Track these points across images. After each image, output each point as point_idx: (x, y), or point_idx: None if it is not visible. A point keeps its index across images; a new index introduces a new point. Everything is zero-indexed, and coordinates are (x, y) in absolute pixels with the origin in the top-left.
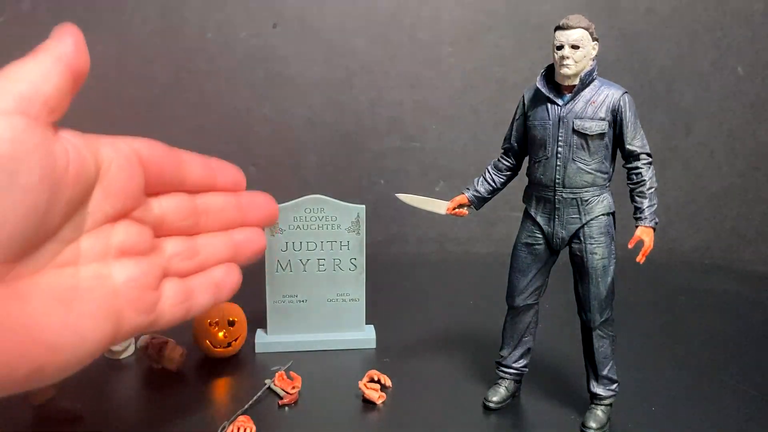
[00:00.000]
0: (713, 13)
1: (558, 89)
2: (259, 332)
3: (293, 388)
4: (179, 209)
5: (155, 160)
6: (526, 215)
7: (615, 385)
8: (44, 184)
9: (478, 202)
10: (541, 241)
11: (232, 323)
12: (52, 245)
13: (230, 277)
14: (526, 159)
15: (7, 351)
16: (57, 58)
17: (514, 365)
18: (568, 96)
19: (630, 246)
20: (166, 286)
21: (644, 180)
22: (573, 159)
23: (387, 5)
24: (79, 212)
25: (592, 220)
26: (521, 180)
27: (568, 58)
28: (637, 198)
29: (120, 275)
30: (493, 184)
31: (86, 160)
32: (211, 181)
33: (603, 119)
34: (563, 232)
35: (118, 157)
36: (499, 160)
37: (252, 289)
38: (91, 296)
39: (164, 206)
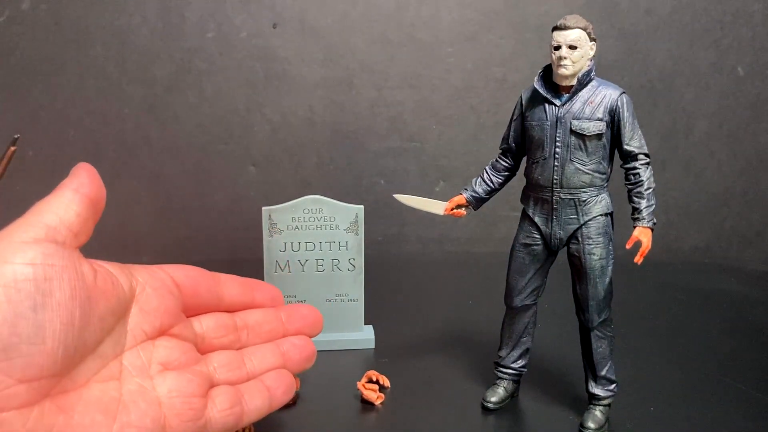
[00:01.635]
0: (713, 13)
1: (556, 90)
2: None
3: None
4: (219, 326)
5: (191, 283)
6: (524, 216)
7: (613, 386)
8: (76, 300)
9: (476, 202)
10: (539, 242)
11: None
12: (94, 361)
13: (281, 382)
14: (524, 159)
15: None
16: (75, 190)
17: (512, 365)
18: (566, 96)
19: (628, 247)
20: (215, 393)
21: (642, 180)
22: (571, 159)
23: (387, 5)
24: (118, 329)
25: (590, 220)
26: (522, 180)
27: (565, 58)
28: (635, 198)
29: (163, 387)
30: (491, 185)
31: (117, 281)
32: (249, 299)
33: (601, 120)
34: (561, 232)
35: (152, 280)
36: (497, 160)
37: None
38: (136, 407)
39: (205, 325)
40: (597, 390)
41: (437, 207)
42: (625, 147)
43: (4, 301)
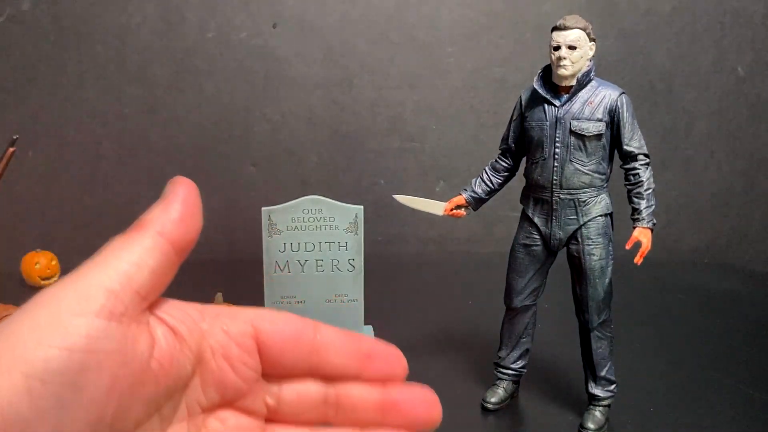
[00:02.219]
0: (713, 13)
1: (555, 90)
2: None
3: None
4: (303, 399)
5: (279, 342)
6: (524, 216)
7: (613, 386)
8: (114, 393)
9: (476, 203)
10: (539, 243)
11: None
12: None
13: None
14: (524, 160)
15: None
16: (158, 233)
17: (512, 366)
18: (566, 97)
19: (627, 247)
20: None
21: (642, 181)
22: (570, 160)
23: (387, 5)
24: (168, 406)
25: (589, 221)
26: (522, 180)
27: (565, 58)
28: (634, 199)
29: None
30: (491, 185)
31: (181, 352)
32: (355, 371)
33: (600, 120)
34: (561, 233)
35: (227, 344)
36: (496, 161)
37: (250, 291)
38: None
39: (284, 395)
40: (597, 390)
41: (437, 207)
42: (625, 147)
43: (24, 395)
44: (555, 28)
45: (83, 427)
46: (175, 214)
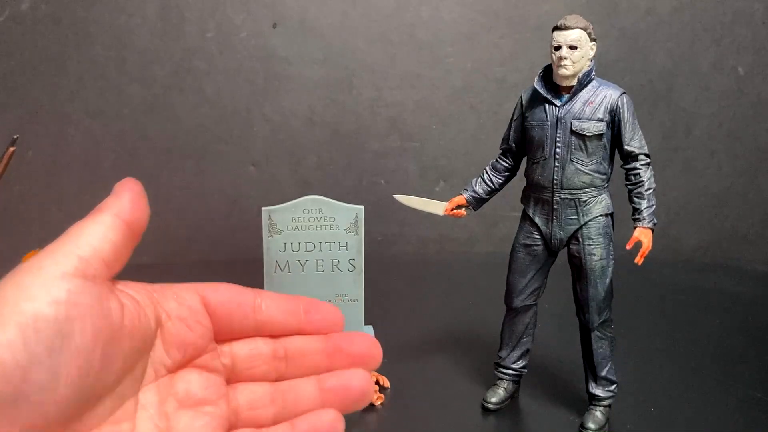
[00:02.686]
0: (713, 13)
1: (556, 90)
2: None
3: None
4: (254, 355)
5: (225, 306)
6: (524, 216)
7: (614, 386)
8: (98, 344)
9: (476, 202)
10: (540, 242)
11: None
12: (111, 401)
13: (317, 427)
14: (525, 160)
15: None
16: (115, 215)
17: (512, 366)
18: (566, 97)
19: (628, 247)
20: None
21: (643, 181)
22: (571, 160)
23: (387, 5)
24: (139, 366)
25: (590, 221)
26: (522, 180)
27: (565, 58)
28: (635, 199)
29: (178, 428)
30: (491, 185)
31: (144, 314)
32: (296, 324)
33: (601, 120)
34: (561, 233)
35: (180, 308)
36: (497, 160)
37: None
38: None
39: (236, 353)
40: (597, 390)
41: (437, 207)
42: (626, 147)
43: (19, 344)
44: (556, 28)
45: (74, 371)
46: (127, 200)
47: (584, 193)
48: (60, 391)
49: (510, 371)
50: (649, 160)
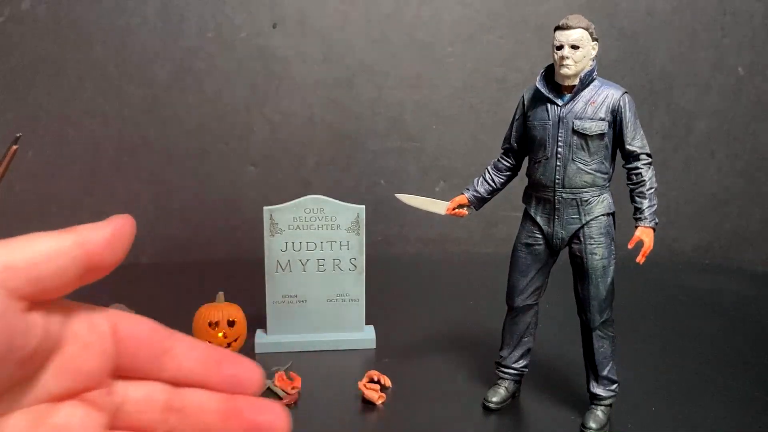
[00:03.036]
0: (713, 13)
1: (558, 89)
2: (259, 332)
3: (293, 388)
4: (147, 401)
5: (135, 342)
6: (526, 216)
7: (615, 386)
8: None
9: (478, 202)
10: (541, 242)
11: (232, 323)
12: None
13: None
14: (526, 159)
15: None
16: (79, 243)
17: (513, 366)
18: (568, 96)
19: (630, 246)
20: None
21: (644, 180)
22: (573, 159)
23: (387, 5)
24: (20, 387)
25: (592, 220)
26: (522, 180)
27: (567, 58)
28: (637, 198)
29: None
30: (493, 185)
31: (48, 337)
32: (204, 377)
33: (603, 119)
34: (563, 232)
35: (88, 334)
36: (498, 160)
37: (252, 290)
38: None
39: (130, 394)
40: (598, 390)
41: (439, 207)
42: (627, 147)
43: None
44: (558, 28)
45: None
46: (103, 235)
47: (586, 192)
48: None
49: (511, 371)
50: (650, 160)
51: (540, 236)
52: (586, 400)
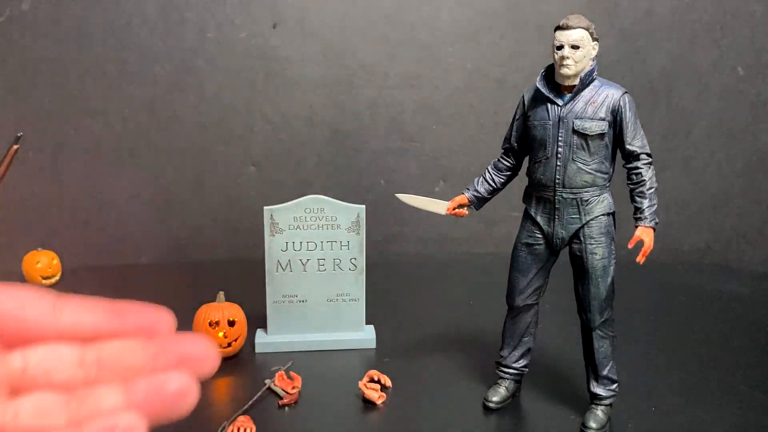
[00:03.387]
0: (713, 13)
1: (558, 89)
2: (259, 332)
3: (293, 388)
4: (54, 359)
5: (16, 309)
6: (526, 215)
7: (615, 386)
8: None
9: (478, 202)
10: (541, 242)
11: (232, 323)
12: None
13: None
14: (527, 159)
15: None
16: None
17: (514, 365)
18: (568, 96)
19: (630, 246)
20: None
21: (644, 180)
22: (573, 159)
23: (387, 5)
24: None
25: (592, 220)
26: (522, 180)
27: (568, 58)
28: (637, 198)
29: None
30: (493, 184)
31: None
32: (113, 328)
33: (603, 119)
34: (563, 232)
35: None
36: (499, 160)
37: (252, 289)
38: None
39: (31, 358)
40: (599, 390)
41: (439, 206)
42: (628, 147)
43: None
44: (558, 28)
45: None
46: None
47: (586, 192)
48: None
49: (511, 370)
50: (650, 160)
51: (540, 236)
52: (586, 400)
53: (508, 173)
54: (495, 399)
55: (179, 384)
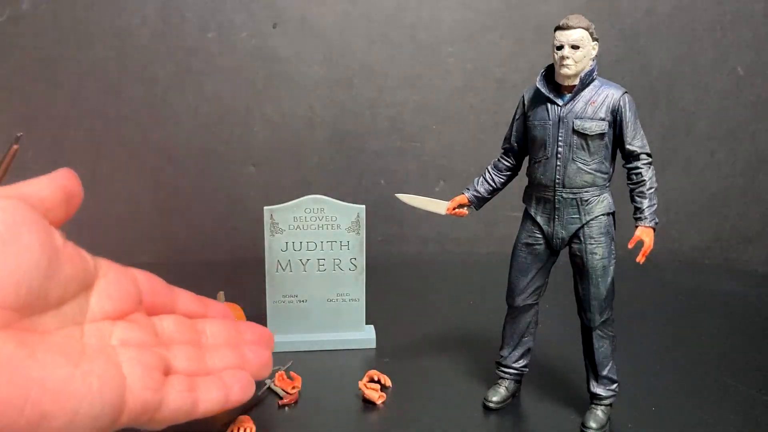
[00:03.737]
0: (713, 13)
1: (558, 89)
2: None
3: (293, 388)
4: (179, 325)
5: (150, 284)
6: (526, 215)
7: (615, 386)
8: (44, 250)
9: (478, 202)
10: (541, 241)
11: None
12: (57, 318)
13: (239, 380)
14: (526, 159)
15: (11, 391)
16: (51, 179)
17: (514, 365)
18: (568, 96)
19: (630, 246)
20: (172, 377)
21: (644, 180)
22: (573, 159)
23: (387, 5)
24: (81, 299)
25: (592, 220)
26: (522, 180)
27: (568, 58)
28: (637, 198)
29: (125, 356)
30: (493, 184)
31: (85, 258)
32: (203, 313)
33: (603, 119)
34: (563, 232)
35: (114, 270)
36: (499, 160)
37: (252, 289)
38: (98, 360)
39: (165, 323)
40: (599, 390)
41: (439, 206)
42: (628, 147)
43: None
44: (558, 28)
45: (24, 264)
46: (62, 174)
47: (586, 192)
48: (12, 276)
49: (511, 370)
50: (650, 160)
51: (540, 236)
52: (586, 400)
53: (508, 173)
54: (495, 399)
55: (268, 356)
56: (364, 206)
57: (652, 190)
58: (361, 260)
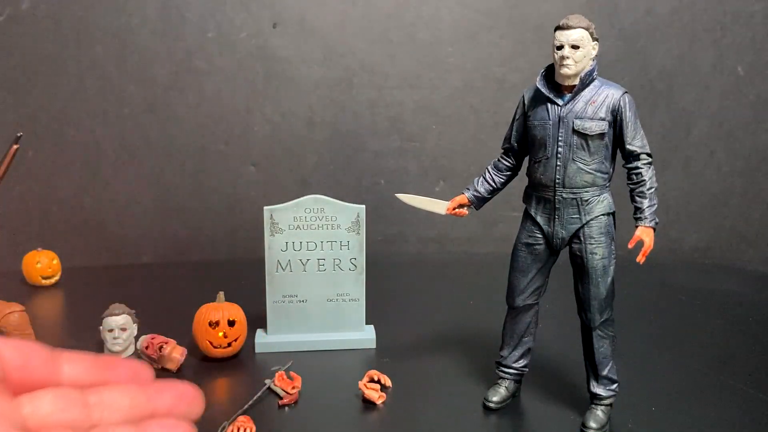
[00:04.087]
0: (713, 13)
1: (558, 89)
2: (259, 332)
3: (293, 388)
4: (60, 400)
5: (19, 358)
6: (526, 215)
7: (615, 385)
8: None
9: (478, 202)
10: (541, 241)
11: (232, 323)
12: None
13: None
14: (527, 159)
15: None
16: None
17: (514, 365)
18: (568, 96)
19: (630, 246)
20: None
21: (644, 180)
22: (573, 159)
23: (387, 5)
24: None
25: (592, 220)
26: (522, 180)
27: (568, 58)
28: (637, 198)
29: None
30: (493, 184)
31: None
32: (101, 378)
33: (603, 119)
34: (563, 232)
35: None
36: (499, 160)
37: (252, 289)
38: None
39: (39, 401)
40: (599, 390)
41: (439, 206)
42: (628, 147)
43: None
44: (558, 28)
45: None
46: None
47: (586, 192)
48: None
49: (511, 370)
50: (650, 160)
51: (540, 236)
52: (586, 400)
53: (508, 173)
54: (495, 399)
55: (185, 428)
56: (364, 206)
57: (652, 190)
58: (361, 260)
